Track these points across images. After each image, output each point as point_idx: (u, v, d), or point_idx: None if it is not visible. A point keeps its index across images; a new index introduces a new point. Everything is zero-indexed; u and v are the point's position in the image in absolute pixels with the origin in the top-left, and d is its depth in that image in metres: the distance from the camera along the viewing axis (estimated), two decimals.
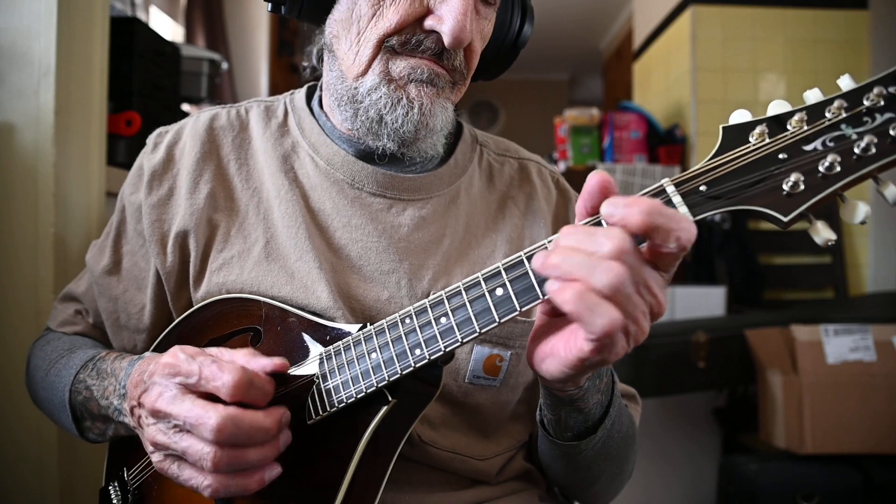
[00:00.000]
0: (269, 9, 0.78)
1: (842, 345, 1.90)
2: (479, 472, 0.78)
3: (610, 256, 0.46)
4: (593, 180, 0.51)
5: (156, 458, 0.62)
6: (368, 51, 0.71)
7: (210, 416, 0.56)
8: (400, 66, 0.72)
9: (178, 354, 0.60)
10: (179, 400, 0.58)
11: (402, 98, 0.72)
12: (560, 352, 0.53)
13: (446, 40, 0.69)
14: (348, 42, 0.74)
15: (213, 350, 0.64)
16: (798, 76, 3.04)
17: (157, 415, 0.60)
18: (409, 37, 0.71)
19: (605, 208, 0.47)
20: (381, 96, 0.72)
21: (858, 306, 2.45)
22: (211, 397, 0.58)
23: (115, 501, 0.75)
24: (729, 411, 2.24)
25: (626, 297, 0.46)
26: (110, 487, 0.77)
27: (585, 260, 0.46)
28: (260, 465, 0.59)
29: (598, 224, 0.52)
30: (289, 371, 0.68)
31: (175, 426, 0.59)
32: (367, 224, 0.78)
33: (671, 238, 0.46)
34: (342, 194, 0.79)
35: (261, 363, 0.60)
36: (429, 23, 0.70)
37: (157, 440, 0.60)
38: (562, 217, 0.88)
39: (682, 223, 0.46)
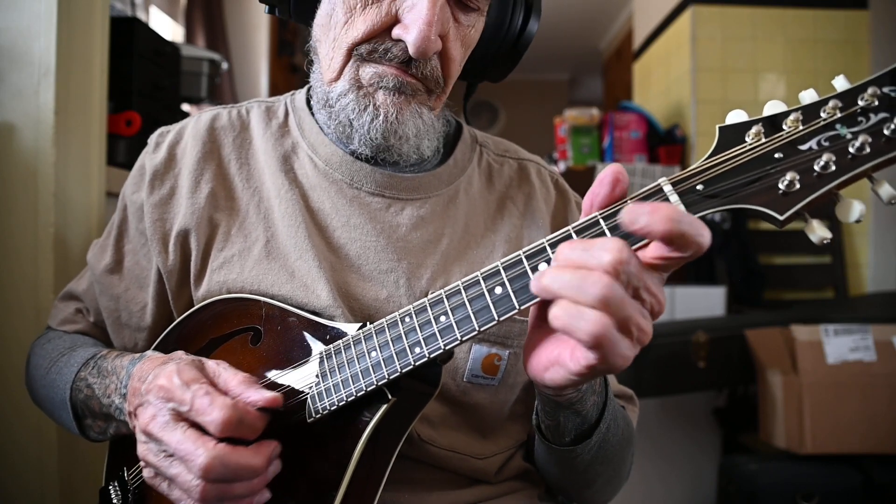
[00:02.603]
0: (266, 10, 0.80)
1: (842, 345, 1.90)
2: (478, 470, 0.78)
3: (608, 270, 0.46)
4: (608, 171, 0.52)
5: (146, 473, 0.63)
6: (340, 57, 0.73)
7: (199, 454, 0.57)
8: (368, 72, 0.72)
9: (174, 379, 0.61)
10: (171, 428, 0.59)
11: (368, 105, 0.73)
12: (566, 362, 0.52)
13: (410, 50, 0.69)
14: (326, 46, 0.75)
15: (211, 367, 0.64)
16: (798, 76, 3.05)
17: (150, 437, 0.61)
18: (376, 45, 0.71)
19: (627, 216, 0.46)
20: (349, 101, 0.73)
21: (858, 306, 2.45)
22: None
23: (115, 501, 0.76)
24: (729, 411, 2.24)
25: (618, 303, 0.46)
26: (110, 487, 0.77)
27: (573, 278, 0.46)
28: (247, 495, 0.60)
29: (595, 223, 0.52)
30: (288, 369, 0.68)
31: (166, 451, 0.59)
32: (366, 223, 0.78)
33: (692, 245, 0.46)
34: (341, 194, 0.79)
35: (253, 398, 0.60)
36: (395, 32, 0.70)
37: (148, 459, 0.61)
38: (560, 218, 0.88)
39: (703, 230, 0.46)
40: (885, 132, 0.47)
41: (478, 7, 0.75)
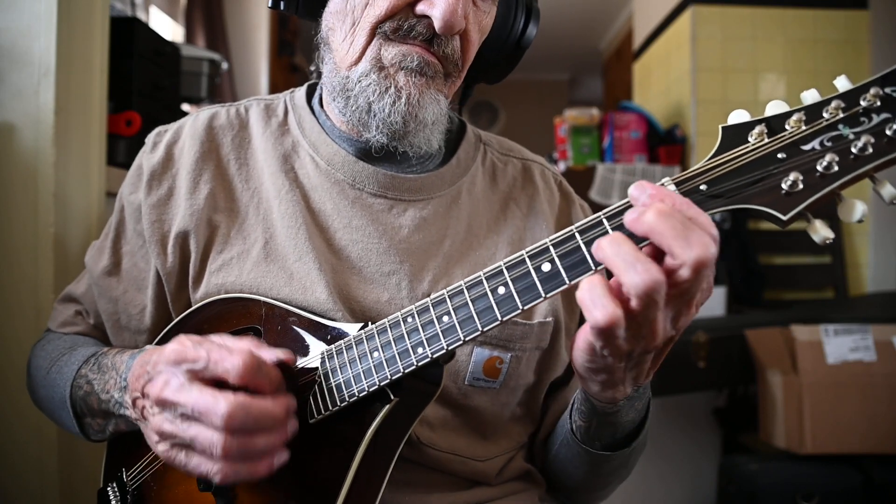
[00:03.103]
0: (269, 4, 0.78)
1: (842, 345, 1.90)
2: (478, 472, 0.78)
3: (694, 266, 0.46)
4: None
5: (161, 447, 0.61)
6: (362, 39, 0.72)
7: (220, 403, 0.56)
8: (391, 52, 0.72)
9: (185, 341, 0.60)
10: (187, 388, 0.58)
11: (389, 87, 0.71)
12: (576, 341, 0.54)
13: (437, 25, 0.69)
14: (343, 33, 0.74)
15: (216, 338, 0.63)
16: (798, 76, 3.04)
17: (164, 404, 0.60)
18: (401, 22, 0.71)
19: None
20: (370, 83, 0.72)
21: (858, 306, 2.45)
22: (218, 385, 0.58)
23: (113, 503, 0.75)
24: (729, 411, 2.24)
25: (652, 301, 0.47)
26: (109, 488, 0.77)
27: (631, 253, 0.47)
28: (269, 451, 0.59)
29: (598, 223, 0.52)
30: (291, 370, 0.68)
31: (182, 415, 0.58)
32: (368, 225, 0.78)
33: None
34: (343, 195, 0.79)
35: (267, 353, 0.61)
36: (420, 7, 0.70)
37: (163, 429, 0.60)
38: (564, 220, 0.88)
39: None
40: (888, 132, 0.47)
41: None
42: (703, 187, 0.51)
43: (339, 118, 0.79)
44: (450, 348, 0.57)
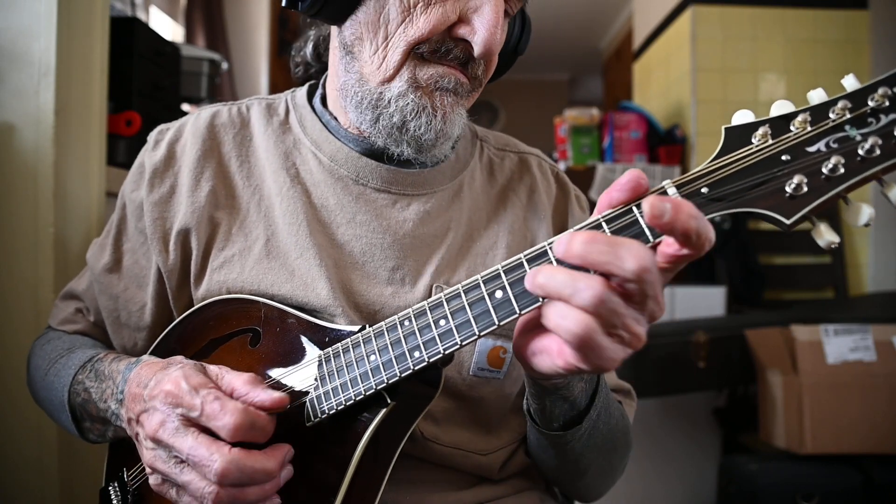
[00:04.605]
0: (284, 4, 0.75)
1: (842, 345, 1.90)
2: (481, 467, 0.78)
3: (629, 278, 0.45)
4: (628, 177, 0.51)
5: (153, 479, 0.62)
6: (397, 57, 0.71)
7: (214, 459, 0.56)
8: (428, 72, 0.71)
9: (181, 384, 0.60)
10: (182, 434, 0.59)
11: (426, 106, 0.72)
12: (553, 353, 0.52)
13: (477, 50, 0.69)
14: (374, 46, 0.72)
15: (213, 371, 0.64)
16: (798, 76, 3.04)
17: (159, 443, 0.60)
18: (438, 45, 0.70)
19: (651, 209, 0.45)
20: (408, 103, 0.71)
21: (858, 306, 2.45)
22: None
23: (115, 502, 0.76)
24: (729, 411, 2.24)
25: (610, 310, 0.46)
26: (110, 488, 0.77)
27: (568, 279, 0.46)
28: (259, 501, 0.60)
29: (598, 226, 0.51)
30: (287, 372, 0.68)
31: (177, 458, 0.59)
32: (372, 220, 0.78)
33: (704, 245, 0.47)
34: (346, 190, 0.79)
35: (260, 398, 0.60)
36: (461, 32, 0.70)
37: (156, 467, 0.61)
38: (561, 211, 0.89)
39: (711, 229, 0.47)
40: None
41: (512, 12, 0.76)
42: (704, 190, 0.50)
43: (357, 125, 0.78)
44: (446, 353, 0.57)
